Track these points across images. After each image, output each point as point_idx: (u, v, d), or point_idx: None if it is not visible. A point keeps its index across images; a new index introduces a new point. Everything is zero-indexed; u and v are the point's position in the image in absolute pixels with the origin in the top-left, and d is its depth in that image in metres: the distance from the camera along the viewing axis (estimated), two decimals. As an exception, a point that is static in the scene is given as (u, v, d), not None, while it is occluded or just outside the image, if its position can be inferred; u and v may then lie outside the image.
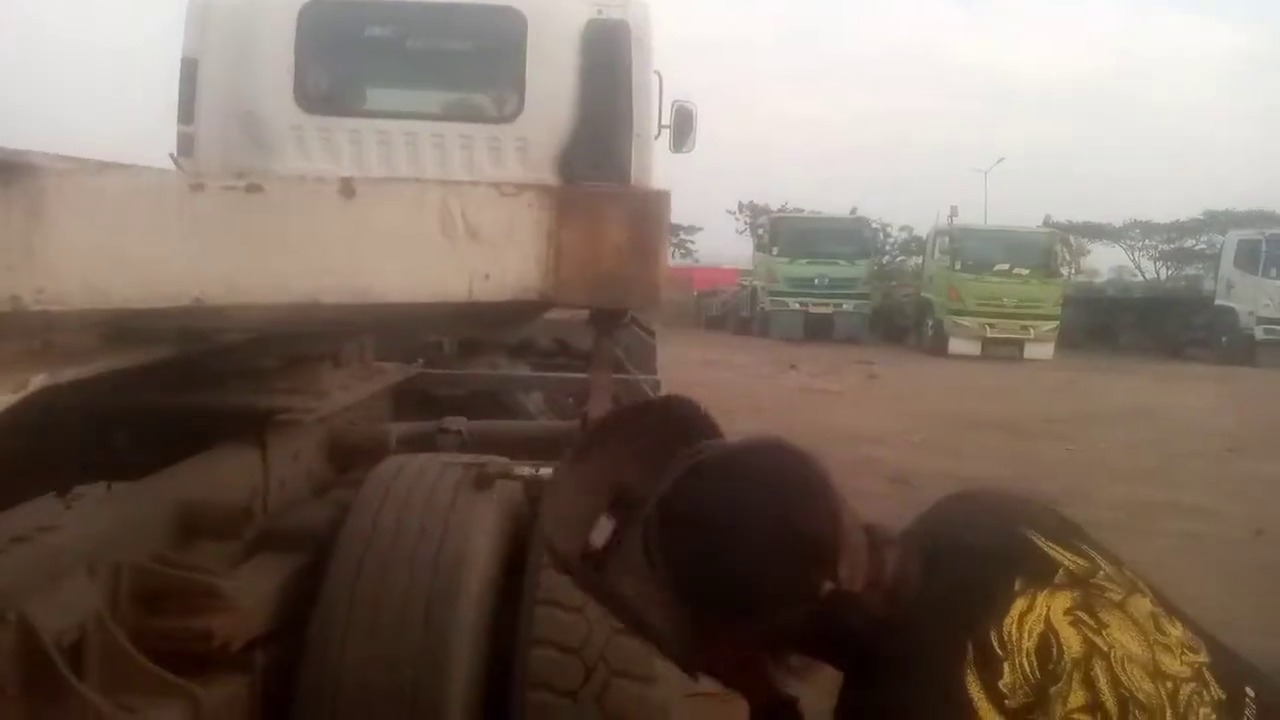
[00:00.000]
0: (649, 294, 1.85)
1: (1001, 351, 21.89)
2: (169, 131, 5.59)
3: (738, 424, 1.45)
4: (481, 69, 6.07)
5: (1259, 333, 22.18)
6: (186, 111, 5.52)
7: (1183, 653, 1.22)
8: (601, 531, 1.26)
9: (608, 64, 5.50)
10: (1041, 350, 22.14)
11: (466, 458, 2.68)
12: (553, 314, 3.72)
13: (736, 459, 1.27)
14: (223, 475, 2.47)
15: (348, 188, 1.63)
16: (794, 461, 1.26)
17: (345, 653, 2.14)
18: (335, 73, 5.85)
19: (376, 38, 5.95)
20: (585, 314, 4.51)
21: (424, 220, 1.70)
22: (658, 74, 6.06)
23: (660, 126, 6.40)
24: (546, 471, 2.57)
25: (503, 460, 2.63)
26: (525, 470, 2.58)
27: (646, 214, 1.85)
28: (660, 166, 6.22)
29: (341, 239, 1.62)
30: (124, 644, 1.73)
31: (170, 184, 1.55)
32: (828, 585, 1.18)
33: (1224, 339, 23.16)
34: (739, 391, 13.32)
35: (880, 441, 10.45)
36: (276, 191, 1.59)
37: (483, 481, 2.49)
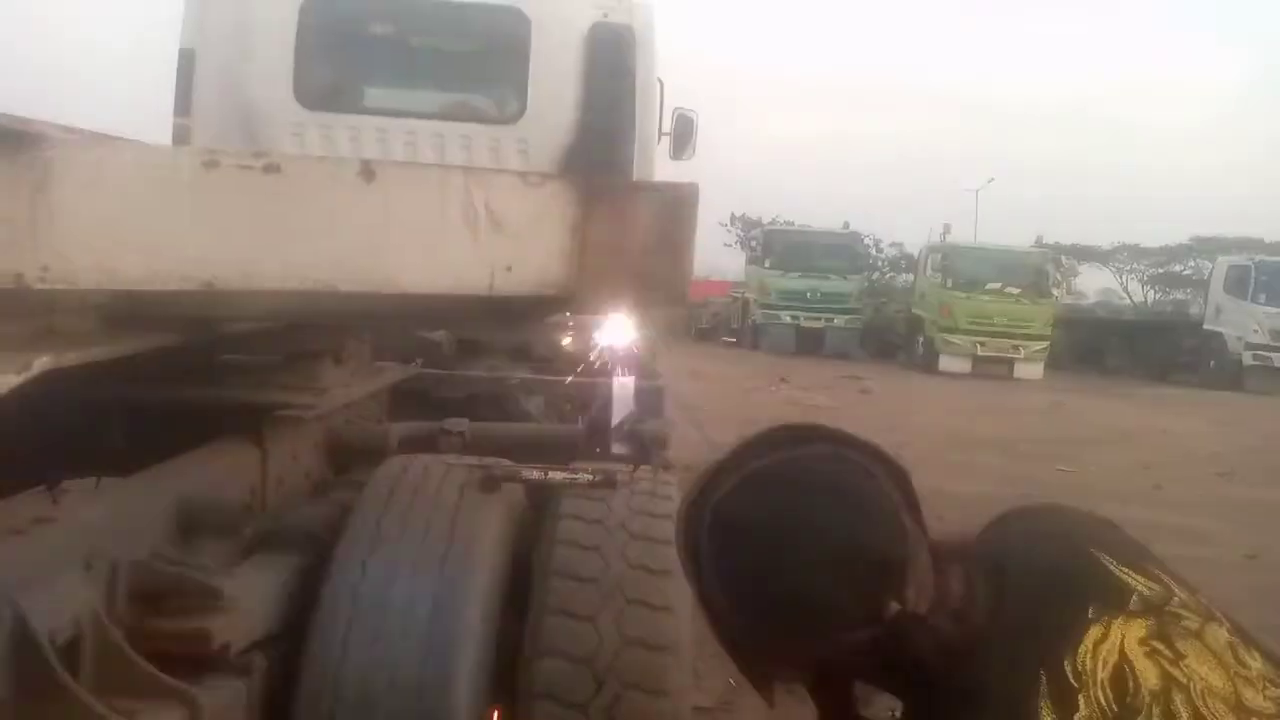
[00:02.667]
0: (676, 292, 1.79)
1: (991, 370, 21.91)
2: (165, 123, 5.51)
3: (729, 438, 1.37)
4: (484, 69, 6.01)
5: (1247, 358, 22.26)
6: (183, 104, 5.43)
7: (1265, 686, 1.15)
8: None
9: (611, 68, 5.45)
10: (1031, 370, 22.16)
11: (471, 459, 2.61)
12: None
13: (798, 464, 1.18)
14: (221, 471, 2.40)
15: (368, 171, 1.56)
16: (860, 469, 1.18)
17: (347, 657, 2.06)
18: (336, 69, 5.78)
19: (379, 34, 5.88)
20: (582, 319, 4.48)
21: (446, 208, 1.63)
22: (660, 80, 6.02)
23: (661, 133, 6.35)
24: (555, 475, 2.51)
25: (509, 463, 2.56)
26: (532, 473, 2.52)
27: (675, 209, 1.78)
28: (659, 173, 6.17)
29: (360, 224, 1.56)
30: (120, 644, 1.65)
31: (183, 161, 1.48)
32: (893, 607, 1.11)
33: (1212, 364, 23.22)
34: (730, 405, 13.27)
35: (872, 457, 10.39)
36: (294, 172, 1.52)
37: (489, 484, 2.43)
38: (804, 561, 1.12)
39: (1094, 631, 1.14)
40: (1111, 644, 1.13)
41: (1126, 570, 1.22)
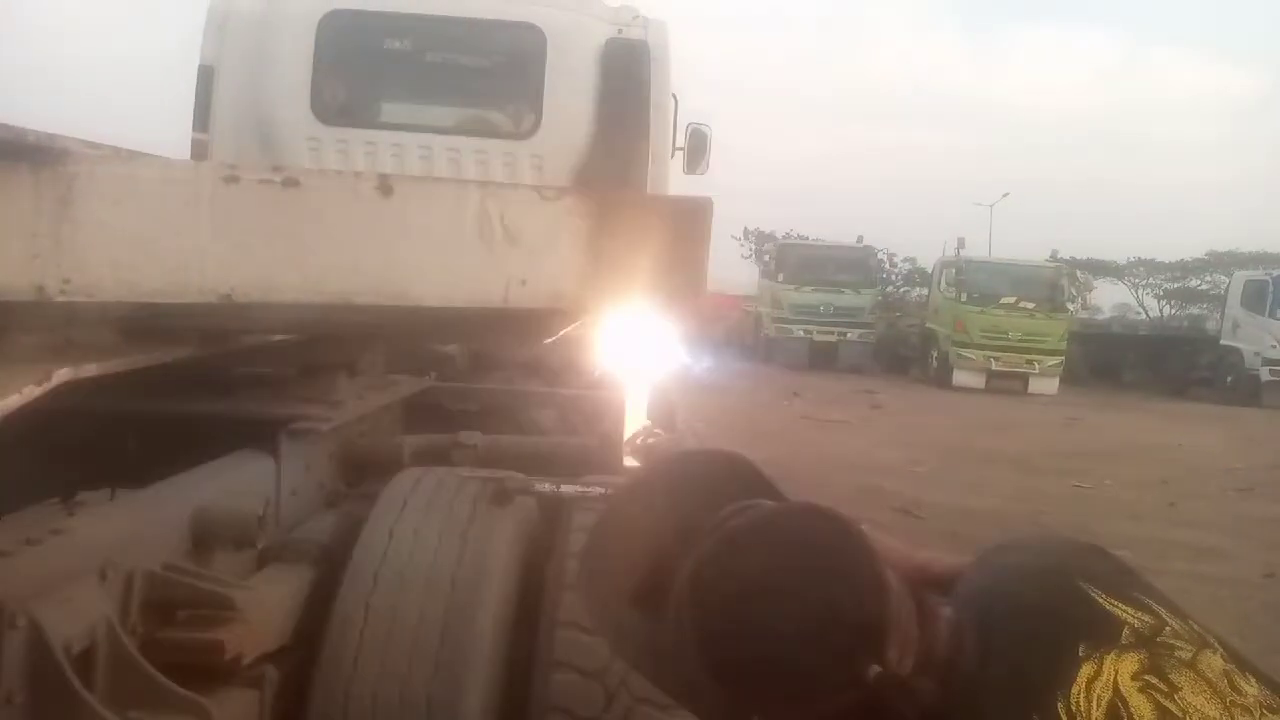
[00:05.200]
0: (690, 306, 1.79)
1: (1006, 385, 21.80)
2: (184, 138, 5.57)
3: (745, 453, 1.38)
4: (499, 85, 6.04)
5: (1265, 373, 22.08)
6: (202, 119, 5.49)
7: (1262, 714, 1.14)
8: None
9: (626, 84, 5.49)
10: (1046, 385, 22.04)
11: (484, 472, 2.62)
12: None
13: (774, 527, 1.17)
14: (235, 483, 2.41)
15: (385, 186, 1.58)
16: (835, 530, 1.17)
17: (359, 669, 2.07)
18: (353, 84, 5.82)
19: (395, 50, 5.92)
20: (597, 332, 4.49)
21: (462, 222, 1.64)
22: (674, 95, 6.05)
23: (675, 148, 6.37)
24: (567, 489, 2.51)
25: (521, 476, 2.57)
26: (544, 486, 2.53)
27: (689, 222, 1.79)
28: (673, 188, 6.18)
29: (377, 238, 1.57)
30: (134, 654, 1.66)
31: (204, 176, 1.50)
32: (874, 669, 1.10)
33: (1229, 379, 23.05)
34: (742, 419, 13.24)
35: (885, 472, 10.38)
36: (313, 187, 1.54)
37: (501, 496, 2.44)
38: (780, 627, 1.11)
39: (1086, 669, 1.12)
40: (1105, 681, 1.12)
41: (1116, 602, 1.20)
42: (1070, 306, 25.00)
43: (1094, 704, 1.10)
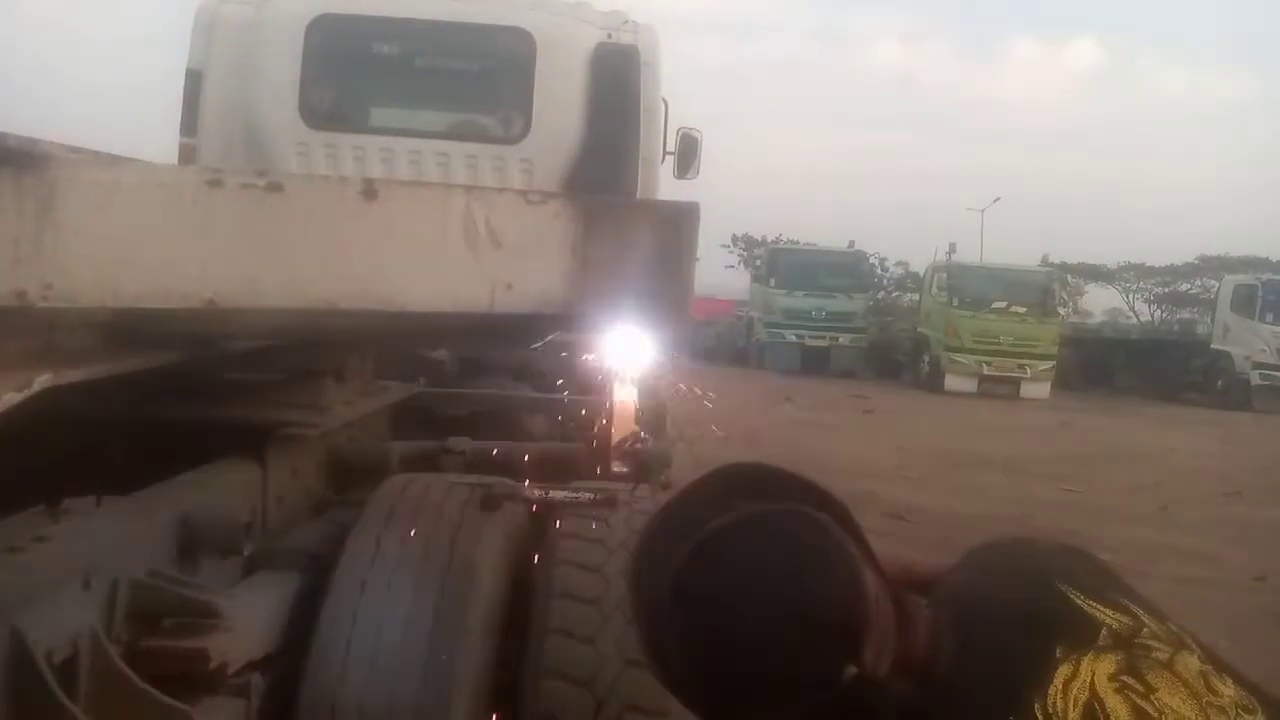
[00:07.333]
0: (677, 310, 1.78)
1: (998, 389, 21.87)
2: (170, 142, 5.55)
3: (734, 459, 1.36)
4: (489, 89, 6.04)
5: (1255, 377, 22.23)
6: (189, 124, 5.48)
7: (1237, 714, 1.14)
8: None
9: (616, 88, 5.49)
10: (1038, 389, 22.12)
11: (472, 478, 2.61)
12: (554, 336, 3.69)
13: (751, 532, 1.16)
14: (221, 490, 2.40)
15: (370, 190, 1.57)
16: (814, 533, 1.17)
17: (346, 677, 2.06)
18: (341, 89, 5.81)
19: (384, 55, 5.91)
20: (586, 337, 4.49)
21: (447, 226, 1.63)
22: (664, 100, 6.05)
23: (665, 153, 6.38)
24: (556, 494, 2.50)
25: (510, 482, 2.56)
26: (533, 492, 2.52)
27: (676, 228, 1.78)
28: (664, 193, 6.18)
29: (362, 243, 1.56)
30: (118, 663, 1.65)
31: (187, 180, 1.49)
32: (851, 669, 1.10)
33: (1220, 383, 23.20)
34: (734, 424, 13.22)
35: (876, 476, 10.37)
36: (296, 191, 1.53)
37: (490, 503, 2.43)
38: (758, 627, 1.11)
39: (1063, 670, 1.13)
40: (1082, 682, 1.12)
41: (1094, 604, 1.21)
42: (1061, 311, 25.11)
43: (1070, 704, 1.10)
